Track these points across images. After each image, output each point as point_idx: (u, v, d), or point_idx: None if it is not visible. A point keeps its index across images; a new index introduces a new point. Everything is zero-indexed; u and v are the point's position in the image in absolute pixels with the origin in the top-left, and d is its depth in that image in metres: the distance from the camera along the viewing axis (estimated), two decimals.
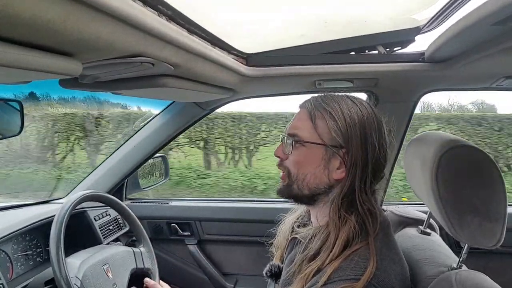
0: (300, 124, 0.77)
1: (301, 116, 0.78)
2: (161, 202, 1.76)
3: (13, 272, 1.17)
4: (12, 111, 0.99)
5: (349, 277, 0.63)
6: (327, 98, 0.76)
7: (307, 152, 0.75)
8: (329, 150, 0.73)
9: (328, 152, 0.73)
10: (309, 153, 0.75)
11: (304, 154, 0.75)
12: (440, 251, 0.89)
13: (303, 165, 0.76)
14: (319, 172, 0.74)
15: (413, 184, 0.92)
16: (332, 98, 0.76)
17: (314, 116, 0.75)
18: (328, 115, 0.73)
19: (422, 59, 1.01)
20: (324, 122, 0.73)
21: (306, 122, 0.76)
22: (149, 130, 1.50)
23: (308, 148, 0.75)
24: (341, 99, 0.75)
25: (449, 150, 0.72)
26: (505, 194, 0.70)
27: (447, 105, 6.43)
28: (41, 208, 1.39)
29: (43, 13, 0.40)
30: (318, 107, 0.75)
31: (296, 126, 0.77)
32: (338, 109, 0.73)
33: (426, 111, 6.30)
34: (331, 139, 0.73)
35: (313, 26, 0.97)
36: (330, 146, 0.73)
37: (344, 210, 0.71)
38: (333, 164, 0.74)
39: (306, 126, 0.75)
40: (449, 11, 0.82)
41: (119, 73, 0.73)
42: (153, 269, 1.25)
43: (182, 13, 0.67)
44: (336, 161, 0.73)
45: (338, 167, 0.73)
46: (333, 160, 0.73)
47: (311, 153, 0.75)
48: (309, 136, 0.75)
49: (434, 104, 6.53)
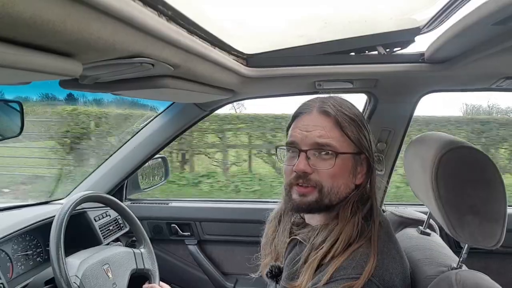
0: (328, 133, 0.71)
1: (323, 123, 0.72)
2: (161, 203, 1.76)
3: (13, 272, 1.17)
4: (12, 112, 0.99)
5: (350, 276, 0.64)
6: (343, 104, 0.75)
7: (342, 163, 0.72)
8: (357, 157, 0.74)
9: (356, 159, 0.74)
10: (344, 164, 0.72)
11: (340, 166, 0.71)
12: (440, 251, 0.89)
13: (338, 177, 0.72)
14: (349, 181, 0.75)
15: (413, 185, 0.92)
16: (342, 101, 0.76)
17: (341, 124, 0.72)
18: (353, 123, 0.73)
19: (422, 59, 1.01)
20: (351, 130, 0.72)
21: (334, 131, 0.72)
22: (149, 131, 1.50)
23: (342, 159, 0.71)
24: (345, 101, 0.77)
25: (449, 151, 0.72)
26: (504, 194, 0.70)
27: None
28: (42, 208, 1.39)
29: (43, 13, 0.40)
30: (340, 114, 0.72)
31: (324, 135, 0.71)
32: (353, 113, 0.74)
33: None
34: (359, 146, 0.73)
35: (313, 27, 0.97)
36: (357, 153, 0.74)
37: (354, 210, 0.73)
38: (358, 170, 0.75)
39: (335, 135, 0.71)
40: (449, 11, 0.82)
41: (119, 73, 0.73)
42: (153, 270, 1.25)
43: (182, 14, 0.67)
44: (360, 167, 0.75)
45: (359, 171, 0.75)
46: (359, 166, 0.75)
47: (344, 163, 0.72)
48: (342, 146, 0.72)
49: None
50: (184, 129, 1.50)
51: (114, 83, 0.83)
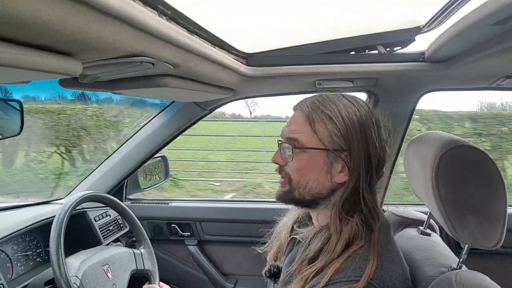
0: (298, 128, 0.73)
1: (298, 119, 0.75)
2: (161, 203, 1.76)
3: (13, 272, 1.17)
4: (12, 111, 0.99)
5: (349, 279, 0.63)
6: (324, 100, 0.73)
7: (309, 158, 0.72)
8: (331, 154, 0.71)
9: (330, 156, 0.71)
10: (311, 159, 0.72)
11: (306, 160, 0.72)
12: (440, 252, 0.89)
13: (305, 171, 0.73)
14: (322, 178, 0.72)
15: (413, 185, 0.92)
16: (329, 99, 0.73)
17: (312, 120, 0.72)
18: (327, 118, 0.70)
19: (422, 58, 1.01)
20: (324, 126, 0.70)
21: (304, 126, 0.73)
22: (149, 130, 1.50)
23: (310, 154, 0.72)
24: (337, 99, 0.73)
25: (449, 150, 0.72)
26: (505, 194, 0.70)
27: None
28: (41, 208, 1.39)
29: (43, 13, 0.40)
30: (315, 109, 0.72)
31: (294, 131, 0.74)
32: (337, 110, 0.70)
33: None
34: (332, 142, 0.70)
35: (313, 26, 0.97)
36: (332, 150, 0.70)
37: (345, 212, 0.70)
38: (335, 168, 0.72)
39: (305, 130, 0.72)
40: (449, 10, 0.82)
41: (119, 73, 0.73)
42: (153, 270, 1.25)
43: (182, 13, 0.67)
44: (338, 164, 0.71)
45: (341, 170, 0.71)
46: (335, 164, 0.71)
47: (312, 159, 0.72)
48: (309, 141, 0.72)
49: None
50: (184, 128, 1.50)
51: (114, 82, 0.83)
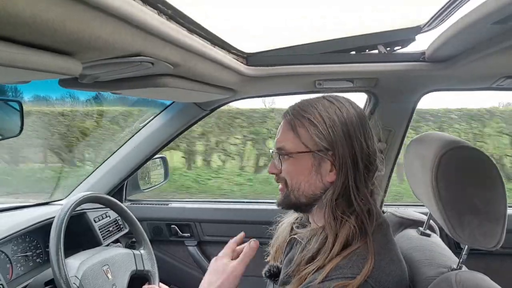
0: (283, 136, 0.78)
1: (283, 128, 0.79)
2: (160, 204, 1.76)
3: (12, 273, 1.16)
4: (12, 112, 0.99)
5: (346, 276, 0.64)
6: (303, 104, 0.77)
7: (296, 162, 0.76)
8: (317, 156, 0.73)
9: (316, 157, 0.74)
10: (298, 163, 0.75)
11: (294, 165, 0.76)
12: (440, 252, 0.89)
13: (295, 175, 0.76)
14: (312, 179, 0.75)
15: (413, 185, 0.92)
16: (309, 102, 0.77)
17: (294, 126, 0.75)
18: (307, 122, 0.74)
19: (423, 58, 1.01)
20: (305, 129, 0.74)
21: (288, 133, 0.76)
22: (149, 131, 1.50)
23: (296, 158, 0.75)
24: (317, 101, 0.76)
25: (449, 151, 0.72)
26: (505, 195, 0.70)
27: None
28: (41, 209, 1.39)
29: (43, 12, 0.40)
30: (296, 115, 0.76)
31: (280, 140, 0.78)
32: (316, 113, 0.73)
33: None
34: (315, 144, 0.73)
35: (313, 26, 0.97)
36: (317, 151, 0.73)
37: (340, 211, 0.71)
38: (324, 168, 0.74)
39: (289, 137, 0.76)
40: (449, 10, 0.82)
41: (119, 72, 0.73)
42: (153, 271, 1.24)
43: (182, 12, 0.67)
44: (327, 164, 0.74)
45: (330, 169, 0.73)
46: (323, 164, 0.74)
47: (299, 162, 0.75)
48: (294, 147, 0.75)
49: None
50: (184, 129, 1.50)
51: (113, 82, 0.83)
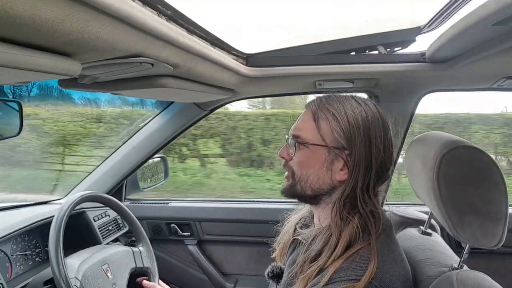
0: (303, 125, 0.77)
1: (304, 117, 0.78)
2: (160, 203, 1.76)
3: (12, 272, 1.16)
4: (11, 112, 0.99)
5: (350, 278, 0.63)
6: (331, 99, 0.76)
7: (310, 153, 0.75)
8: (332, 152, 0.73)
9: (331, 153, 0.73)
10: (312, 155, 0.74)
11: (307, 155, 0.75)
12: (441, 252, 0.89)
13: (306, 166, 0.75)
14: (322, 174, 0.74)
15: (414, 185, 0.91)
16: (336, 98, 0.76)
17: (317, 117, 0.74)
18: (331, 116, 0.73)
19: (423, 59, 1.01)
20: (327, 123, 0.73)
21: (309, 123, 0.75)
22: (149, 131, 1.50)
23: (311, 150, 0.74)
24: (345, 99, 0.75)
25: (450, 150, 0.72)
26: (506, 194, 0.70)
27: None
28: (41, 208, 1.38)
29: (42, 13, 0.40)
30: (321, 107, 0.75)
31: (299, 127, 0.77)
32: (342, 110, 0.73)
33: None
34: (334, 140, 0.72)
35: (313, 26, 0.97)
36: (333, 147, 0.72)
37: (346, 211, 0.71)
38: (336, 166, 0.73)
39: (309, 127, 0.75)
40: (450, 11, 0.82)
41: (119, 73, 0.73)
42: (153, 268, 1.24)
43: (182, 13, 0.67)
44: (339, 162, 0.73)
45: (341, 168, 0.73)
46: (336, 161, 0.73)
47: (314, 154, 0.74)
48: (311, 138, 0.74)
49: None
50: (184, 129, 1.50)
51: (113, 83, 0.83)
